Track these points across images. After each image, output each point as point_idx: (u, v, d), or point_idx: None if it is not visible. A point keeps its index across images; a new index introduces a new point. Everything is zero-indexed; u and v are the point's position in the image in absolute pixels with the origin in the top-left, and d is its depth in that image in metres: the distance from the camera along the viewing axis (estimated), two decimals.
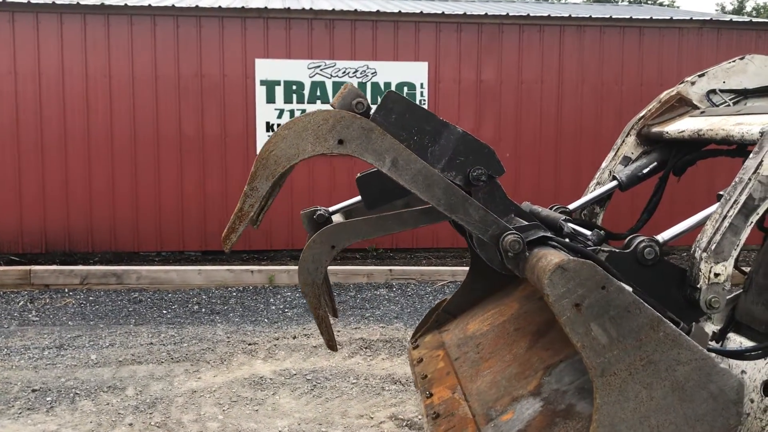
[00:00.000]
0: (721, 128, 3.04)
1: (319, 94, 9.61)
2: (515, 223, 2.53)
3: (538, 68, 10.20)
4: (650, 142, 3.68)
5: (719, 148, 3.37)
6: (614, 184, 3.64)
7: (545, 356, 3.07)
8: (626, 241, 2.63)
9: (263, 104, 9.46)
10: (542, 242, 2.30)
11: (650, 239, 2.55)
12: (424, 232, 9.62)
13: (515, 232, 2.28)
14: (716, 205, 2.55)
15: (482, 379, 3.34)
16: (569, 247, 2.30)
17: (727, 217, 2.46)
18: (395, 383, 5.56)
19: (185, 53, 9.44)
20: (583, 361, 2.04)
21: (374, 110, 2.63)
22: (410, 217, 3.09)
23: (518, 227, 2.34)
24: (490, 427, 2.84)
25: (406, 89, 9.81)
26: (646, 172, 3.56)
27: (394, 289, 8.48)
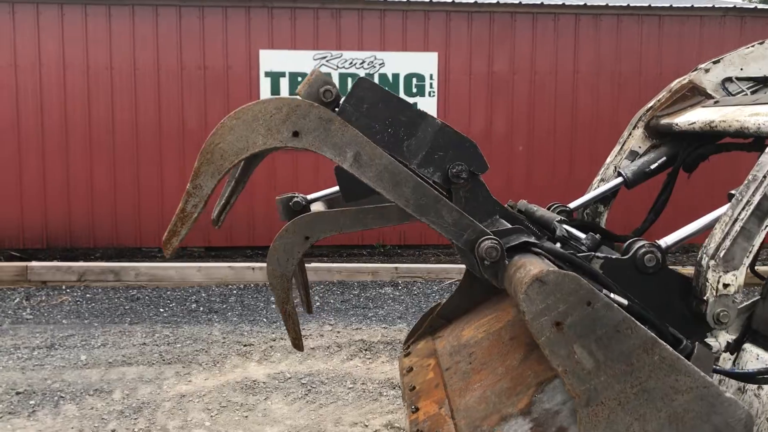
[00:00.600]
0: (735, 119, 2.73)
1: None
2: (499, 225, 2.26)
3: (552, 59, 9.85)
4: (659, 135, 3.38)
5: (734, 141, 3.06)
6: (619, 180, 3.35)
7: (539, 370, 2.79)
8: (625, 245, 2.35)
9: (268, 96, 9.20)
10: (524, 249, 2.02)
11: (651, 244, 2.27)
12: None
13: (493, 237, 2.00)
14: (727, 206, 2.25)
15: (472, 393, 3.07)
16: (555, 254, 2.02)
17: (738, 220, 2.16)
18: (394, 388, 5.30)
19: (188, 44, 9.21)
20: (565, 387, 1.77)
21: (344, 99, 2.37)
22: (393, 212, 2.83)
23: (498, 231, 2.06)
24: None
25: (415, 80, 9.52)
26: (654, 167, 3.26)
27: (399, 287, 8.21)
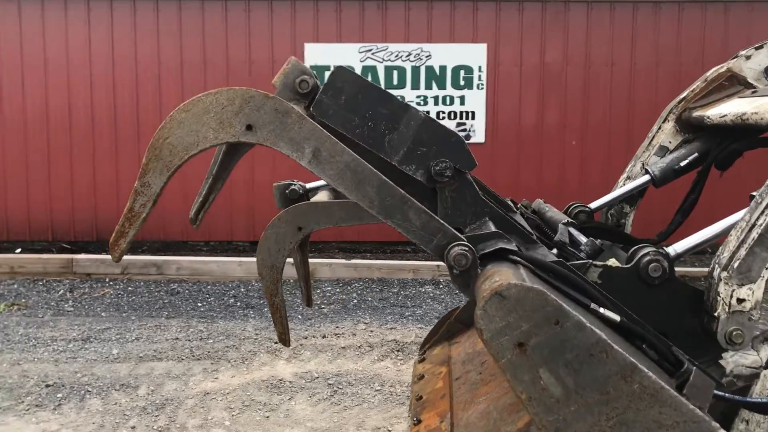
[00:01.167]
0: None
1: (370, 78, 9.14)
2: (485, 229, 2.05)
3: (608, 49, 9.42)
4: (692, 129, 3.08)
5: None
6: (646, 178, 3.06)
7: None
8: (629, 253, 2.10)
9: None
10: (501, 256, 1.80)
11: (657, 252, 2.02)
12: None
13: (465, 243, 1.79)
14: (746, 209, 1.98)
15: (476, 407, 2.86)
16: (537, 263, 1.80)
17: (756, 225, 1.89)
18: None
19: (234, 38, 9.20)
20: (531, 419, 1.55)
21: (320, 91, 2.19)
22: None
23: (472, 236, 1.85)
24: None
25: (463, 73, 9.25)
26: (684, 164, 2.96)
27: (440, 286, 7.99)
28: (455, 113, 9.26)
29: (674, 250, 2.04)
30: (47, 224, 9.34)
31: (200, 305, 7.27)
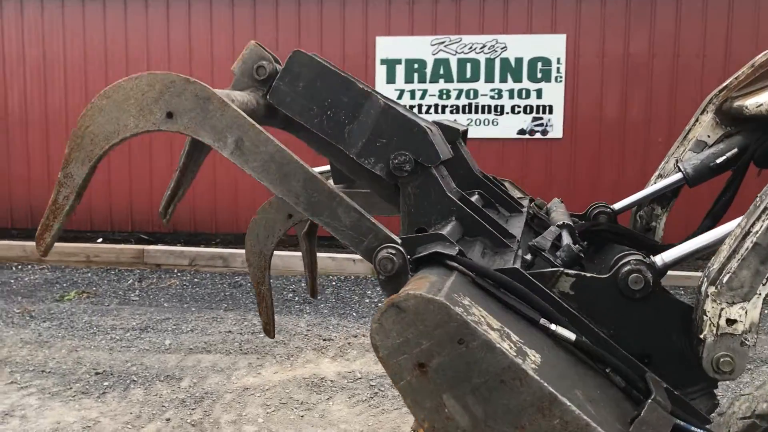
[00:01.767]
0: None
1: (442, 72, 8.93)
2: (444, 230, 1.83)
3: (699, 39, 8.77)
4: (734, 121, 2.71)
5: None
6: (678, 177, 2.72)
7: None
8: (612, 261, 1.83)
9: (383, 85, 8.96)
10: (436, 261, 1.59)
11: (640, 261, 1.75)
12: None
13: (395, 246, 1.59)
14: (742, 217, 1.68)
15: None
16: (478, 270, 1.57)
17: (752, 233, 1.59)
18: None
19: (306, 33, 9.18)
20: None
21: (278, 77, 2.04)
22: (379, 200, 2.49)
23: (410, 238, 1.65)
24: None
25: (540, 65, 8.86)
26: (720, 161, 2.60)
27: None
28: (531, 107, 8.88)
29: (662, 259, 1.75)
30: (127, 216, 9.65)
31: None
